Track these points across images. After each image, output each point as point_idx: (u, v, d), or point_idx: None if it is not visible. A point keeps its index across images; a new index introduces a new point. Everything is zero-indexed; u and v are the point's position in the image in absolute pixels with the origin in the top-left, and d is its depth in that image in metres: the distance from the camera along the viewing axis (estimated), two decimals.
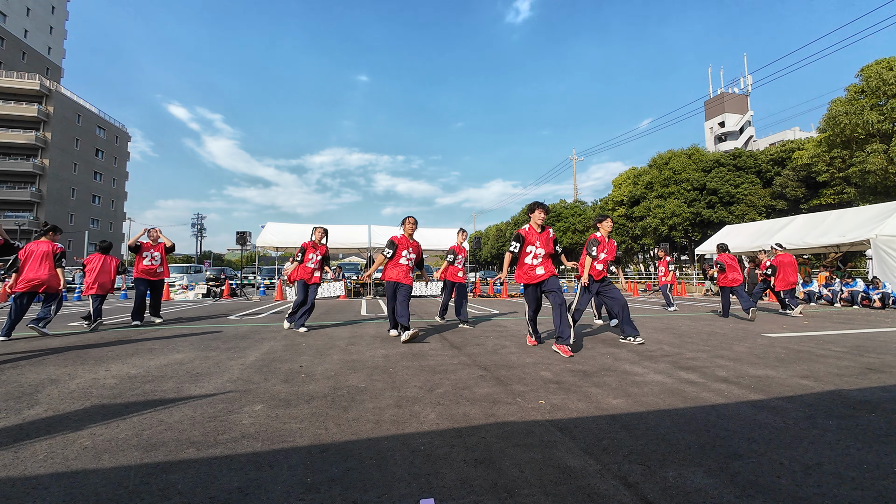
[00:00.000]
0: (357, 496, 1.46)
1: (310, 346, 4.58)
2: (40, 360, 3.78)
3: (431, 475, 1.60)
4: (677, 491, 1.49)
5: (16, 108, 39.27)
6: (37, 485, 1.54)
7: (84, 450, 1.84)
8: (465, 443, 1.91)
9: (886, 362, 3.67)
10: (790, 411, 2.35)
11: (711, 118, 51.82)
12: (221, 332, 5.78)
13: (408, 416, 2.27)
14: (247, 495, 1.46)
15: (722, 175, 23.65)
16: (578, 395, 2.67)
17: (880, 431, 2.04)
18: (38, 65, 44.09)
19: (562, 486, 1.52)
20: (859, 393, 2.71)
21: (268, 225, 16.26)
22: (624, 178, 29.47)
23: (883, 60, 15.92)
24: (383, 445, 1.88)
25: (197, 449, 1.85)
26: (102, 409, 2.39)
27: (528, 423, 2.17)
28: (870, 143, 15.97)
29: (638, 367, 3.45)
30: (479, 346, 4.56)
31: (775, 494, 1.46)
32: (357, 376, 3.17)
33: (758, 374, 3.24)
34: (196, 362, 3.69)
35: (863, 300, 10.57)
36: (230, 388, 2.84)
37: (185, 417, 2.25)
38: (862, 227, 11.93)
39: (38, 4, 44.94)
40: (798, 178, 20.70)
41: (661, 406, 2.45)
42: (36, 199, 39.33)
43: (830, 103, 17.24)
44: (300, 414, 2.31)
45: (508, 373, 3.26)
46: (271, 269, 22.76)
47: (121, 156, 51.43)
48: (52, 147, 40.64)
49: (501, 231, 52.49)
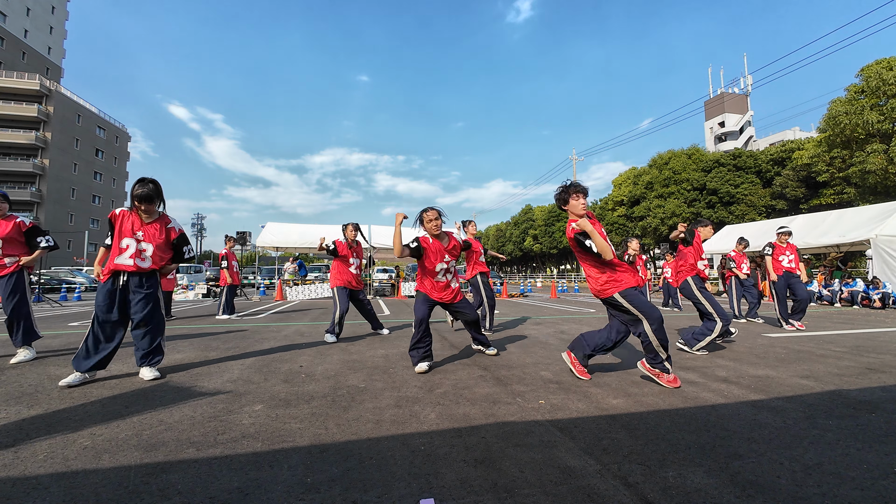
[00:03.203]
0: (357, 496, 1.46)
1: (310, 346, 4.58)
2: (40, 360, 3.78)
3: (431, 475, 1.60)
4: (677, 491, 1.49)
5: (16, 108, 39.29)
6: (37, 485, 1.54)
7: (84, 450, 1.84)
8: (465, 443, 1.91)
9: (886, 362, 3.67)
10: (790, 411, 2.35)
11: (711, 118, 51.84)
12: (221, 332, 5.77)
13: (408, 416, 2.27)
14: (247, 495, 1.46)
15: (722, 175, 23.66)
16: (578, 395, 2.67)
17: (880, 431, 2.04)
18: (38, 65, 44.09)
19: (562, 486, 1.52)
20: (859, 393, 2.71)
21: (268, 225, 16.25)
22: (624, 178, 29.48)
23: (883, 60, 15.94)
24: (383, 445, 1.88)
25: (197, 449, 1.84)
26: (102, 409, 2.39)
27: (528, 423, 2.17)
28: (870, 143, 15.98)
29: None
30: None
31: (775, 494, 1.46)
32: (357, 376, 3.17)
33: (758, 374, 3.24)
34: (196, 362, 3.69)
35: (863, 300, 10.57)
36: (230, 388, 2.84)
37: (185, 417, 2.25)
38: (862, 227, 11.94)
39: (38, 4, 44.94)
40: (798, 178, 20.71)
41: (661, 406, 2.45)
42: (36, 199, 39.34)
43: (830, 103, 17.26)
44: (300, 414, 2.31)
45: (508, 373, 3.26)
46: (271, 269, 22.78)
47: (121, 156, 51.44)
48: (52, 147, 40.66)
49: (501, 231, 52.47)
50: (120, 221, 3.08)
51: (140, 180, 3.06)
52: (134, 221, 3.10)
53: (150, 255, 3.11)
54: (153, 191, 3.06)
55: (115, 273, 3.04)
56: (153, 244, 3.12)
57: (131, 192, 3.05)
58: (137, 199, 3.03)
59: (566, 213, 3.19)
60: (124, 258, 3.03)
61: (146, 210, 3.09)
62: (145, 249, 3.10)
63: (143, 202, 3.04)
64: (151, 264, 3.12)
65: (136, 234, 3.07)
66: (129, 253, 3.03)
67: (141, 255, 3.08)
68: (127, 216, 3.10)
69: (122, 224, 3.08)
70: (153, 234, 3.13)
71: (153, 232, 3.14)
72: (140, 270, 3.06)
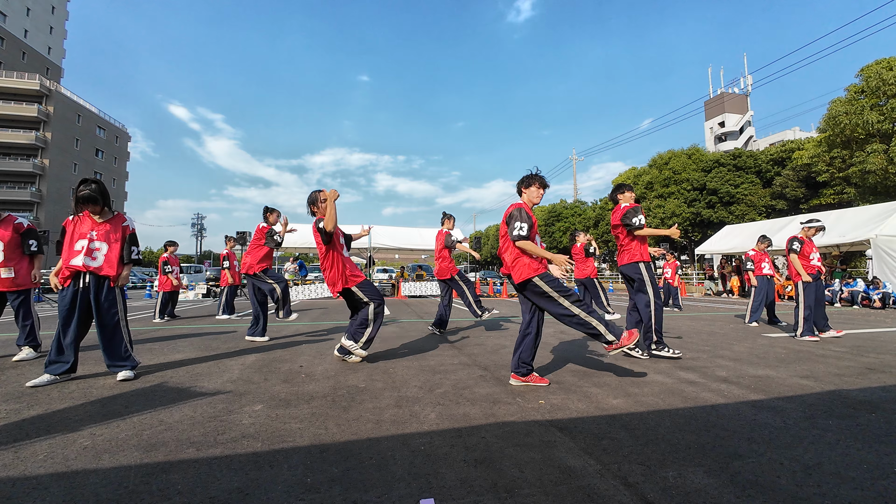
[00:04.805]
0: (357, 496, 1.46)
1: (310, 346, 4.58)
2: (40, 360, 3.78)
3: (431, 475, 1.60)
4: (677, 491, 1.48)
5: (16, 108, 39.26)
6: (37, 485, 1.54)
7: (84, 450, 1.84)
8: (465, 443, 1.91)
9: (886, 362, 3.67)
10: (790, 411, 2.35)
11: (711, 118, 51.80)
12: (221, 332, 5.77)
13: (408, 416, 2.27)
14: (247, 495, 1.46)
15: (722, 175, 23.65)
16: (578, 395, 2.67)
17: (880, 431, 2.04)
18: (38, 65, 44.07)
19: (562, 486, 1.52)
20: (859, 393, 2.71)
21: None
22: (624, 178, 29.47)
23: (883, 60, 15.93)
24: (383, 445, 1.88)
25: (197, 449, 1.84)
26: (102, 409, 2.39)
27: (527, 423, 2.17)
28: (870, 143, 15.98)
29: (638, 367, 3.45)
30: (479, 346, 4.56)
31: (775, 494, 1.46)
32: (357, 376, 3.17)
33: (758, 374, 3.24)
34: (196, 362, 3.69)
35: (863, 300, 10.57)
36: (230, 388, 2.84)
37: (185, 417, 2.25)
38: (862, 227, 11.94)
39: (38, 4, 44.93)
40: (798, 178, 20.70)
41: (661, 406, 2.45)
42: (36, 199, 39.32)
43: (830, 103, 17.24)
44: (300, 414, 2.31)
45: (508, 373, 3.26)
46: None
47: (121, 156, 51.43)
48: (52, 147, 40.64)
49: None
50: (72, 226, 3.06)
51: (83, 181, 3.02)
52: (85, 222, 3.06)
53: (105, 255, 3.05)
54: (96, 191, 3.02)
55: (75, 276, 3.01)
56: (108, 243, 3.07)
57: (74, 194, 3.01)
58: (81, 200, 2.99)
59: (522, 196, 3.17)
60: (78, 259, 2.98)
61: (92, 211, 3.06)
62: (98, 248, 3.04)
63: (88, 203, 3.01)
64: (104, 263, 3.04)
65: (90, 233, 3.03)
66: (82, 253, 2.99)
67: (92, 254, 3.01)
68: (78, 220, 3.08)
69: (73, 228, 3.05)
70: (107, 233, 3.09)
71: (106, 231, 3.09)
72: (91, 270, 2.99)
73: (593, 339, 2.94)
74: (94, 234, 3.04)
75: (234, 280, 8.06)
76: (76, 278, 3.02)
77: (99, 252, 3.04)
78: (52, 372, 2.96)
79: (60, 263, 3.05)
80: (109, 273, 3.06)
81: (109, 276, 3.07)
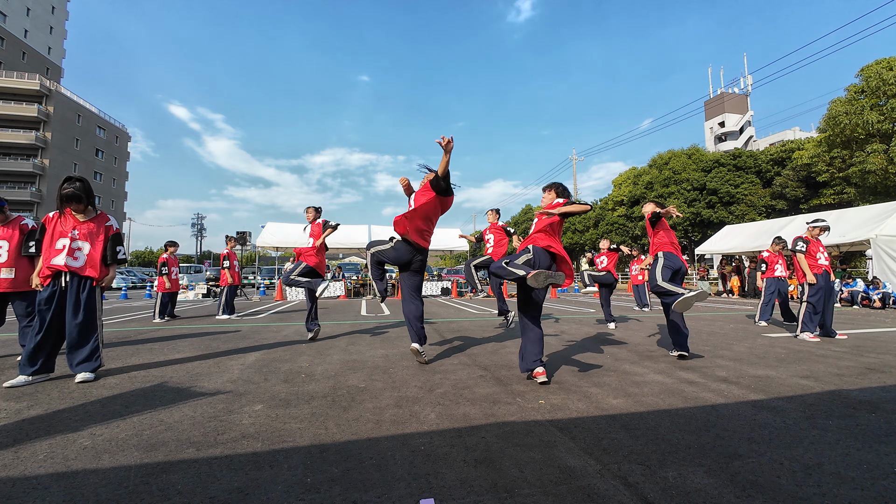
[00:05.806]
0: (357, 496, 1.46)
1: (310, 346, 4.58)
2: None
3: (431, 475, 1.60)
4: (677, 491, 1.49)
5: (16, 108, 39.26)
6: (37, 485, 1.54)
7: (84, 450, 1.84)
8: (465, 443, 1.91)
9: (886, 362, 3.67)
10: (790, 411, 2.35)
11: (711, 118, 51.79)
12: (222, 332, 5.78)
13: (408, 416, 2.27)
14: (247, 495, 1.46)
15: (722, 175, 23.66)
16: (578, 395, 2.67)
17: (880, 431, 2.04)
18: (38, 65, 44.07)
19: (562, 486, 1.52)
20: (859, 393, 2.71)
21: (268, 225, 16.26)
22: (624, 178, 29.49)
23: (883, 60, 15.94)
24: (383, 445, 1.88)
25: (197, 449, 1.84)
26: (102, 409, 2.39)
27: (527, 423, 2.17)
28: (870, 143, 15.98)
29: (638, 367, 3.45)
30: (479, 345, 4.56)
31: (775, 494, 1.46)
32: (357, 376, 3.17)
33: (758, 374, 3.24)
34: (196, 362, 3.69)
35: (863, 300, 10.57)
36: (230, 388, 2.84)
37: (185, 417, 2.25)
38: (862, 227, 11.94)
39: (38, 4, 44.93)
40: (798, 178, 20.71)
41: (661, 406, 2.45)
42: (36, 200, 39.31)
43: (830, 103, 17.25)
44: (300, 414, 2.31)
45: (508, 373, 3.26)
46: (271, 269, 22.76)
47: (121, 156, 51.40)
48: (52, 147, 40.63)
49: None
50: (53, 224, 3.00)
51: (67, 179, 2.95)
52: (68, 221, 3.01)
53: (86, 255, 3.00)
54: (81, 189, 2.97)
55: (55, 275, 2.96)
56: (90, 242, 3.02)
57: (59, 192, 2.95)
58: (66, 198, 2.94)
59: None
60: (59, 258, 2.93)
61: (75, 209, 3.00)
62: (80, 248, 2.99)
63: (72, 202, 2.96)
64: (86, 263, 2.99)
65: (72, 232, 2.97)
66: (64, 252, 2.94)
67: (74, 253, 2.96)
68: (60, 218, 3.02)
69: (54, 226, 2.99)
70: (89, 232, 3.04)
71: (89, 230, 3.04)
72: (73, 270, 2.94)
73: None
74: (75, 234, 3.01)
75: (234, 280, 8.06)
76: (56, 278, 2.98)
77: (81, 252, 3.01)
78: (27, 373, 2.91)
79: (41, 262, 3.00)
80: (92, 274, 3.02)
81: (92, 278, 3.03)
